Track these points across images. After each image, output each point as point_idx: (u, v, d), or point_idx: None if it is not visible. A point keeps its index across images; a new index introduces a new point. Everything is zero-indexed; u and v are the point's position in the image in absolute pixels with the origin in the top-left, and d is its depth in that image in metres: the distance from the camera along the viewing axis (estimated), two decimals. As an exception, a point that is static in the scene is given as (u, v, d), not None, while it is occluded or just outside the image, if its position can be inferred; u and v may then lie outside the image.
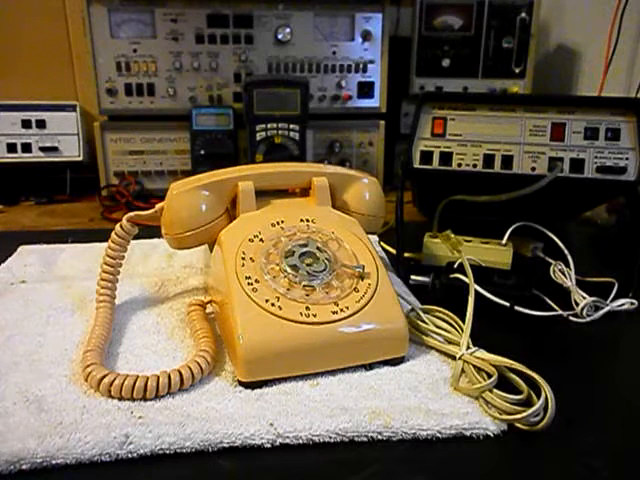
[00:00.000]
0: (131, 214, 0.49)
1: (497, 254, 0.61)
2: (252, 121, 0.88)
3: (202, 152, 0.92)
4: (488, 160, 0.60)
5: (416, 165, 0.61)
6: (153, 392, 0.37)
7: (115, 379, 0.37)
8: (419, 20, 0.97)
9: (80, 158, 0.98)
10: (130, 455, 0.32)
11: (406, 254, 0.63)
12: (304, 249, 0.44)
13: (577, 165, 0.58)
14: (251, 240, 0.45)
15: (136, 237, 0.50)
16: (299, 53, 0.95)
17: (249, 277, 0.42)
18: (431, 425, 0.34)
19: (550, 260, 0.60)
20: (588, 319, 0.50)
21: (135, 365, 0.42)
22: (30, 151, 0.97)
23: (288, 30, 0.93)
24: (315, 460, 0.33)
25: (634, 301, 0.53)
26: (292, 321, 0.39)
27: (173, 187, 0.49)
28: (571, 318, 0.51)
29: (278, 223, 0.47)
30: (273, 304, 0.40)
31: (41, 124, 0.97)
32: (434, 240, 0.63)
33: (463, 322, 0.44)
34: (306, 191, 0.52)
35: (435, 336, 0.44)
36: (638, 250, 0.56)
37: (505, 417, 0.35)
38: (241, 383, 0.39)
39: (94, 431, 0.33)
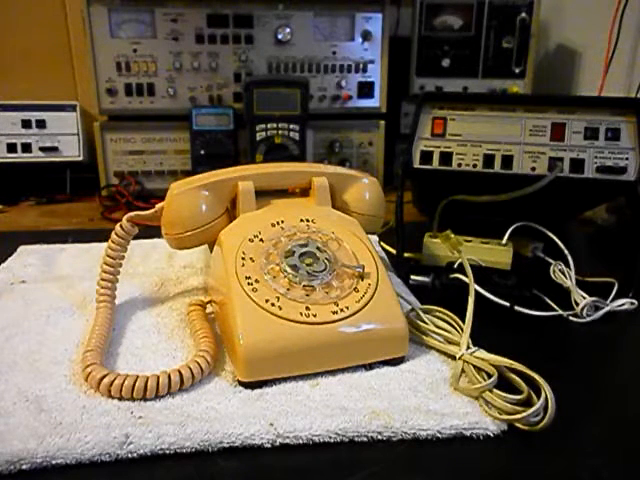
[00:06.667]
0: (131, 214, 0.49)
1: (497, 254, 0.61)
2: (252, 121, 0.88)
3: (202, 152, 0.92)
4: (488, 160, 0.60)
5: (416, 165, 0.61)
6: (153, 392, 0.37)
7: (115, 379, 0.37)
8: (419, 20, 0.97)
9: (80, 158, 0.98)
10: (130, 455, 0.32)
11: (406, 254, 0.63)
12: (304, 249, 0.44)
13: (577, 165, 0.58)
14: (251, 240, 0.45)
15: (136, 237, 0.50)
16: (299, 53, 0.95)
17: (249, 277, 0.42)
18: (431, 425, 0.34)
19: (550, 260, 0.60)
20: (588, 319, 0.50)
21: (135, 365, 0.42)
22: (30, 151, 0.97)
23: (288, 30, 0.93)
24: (315, 460, 0.33)
25: (634, 301, 0.53)
26: (292, 321, 0.39)
27: (173, 187, 0.49)
28: (571, 318, 0.51)
29: (278, 223, 0.47)
30: (273, 304, 0.40)
31: (41, 124, 0.97)
32: (434, 240, 0.63)
33: (463, 322, 0.44)
34: (306, 191, 0.52)
35: (435, 336, 0.44)
36: (638, 250, 0.56)
37: (505, 417, 0.35)
38: (241, 383, 0.39)
39: (94, 431, 0.33)
